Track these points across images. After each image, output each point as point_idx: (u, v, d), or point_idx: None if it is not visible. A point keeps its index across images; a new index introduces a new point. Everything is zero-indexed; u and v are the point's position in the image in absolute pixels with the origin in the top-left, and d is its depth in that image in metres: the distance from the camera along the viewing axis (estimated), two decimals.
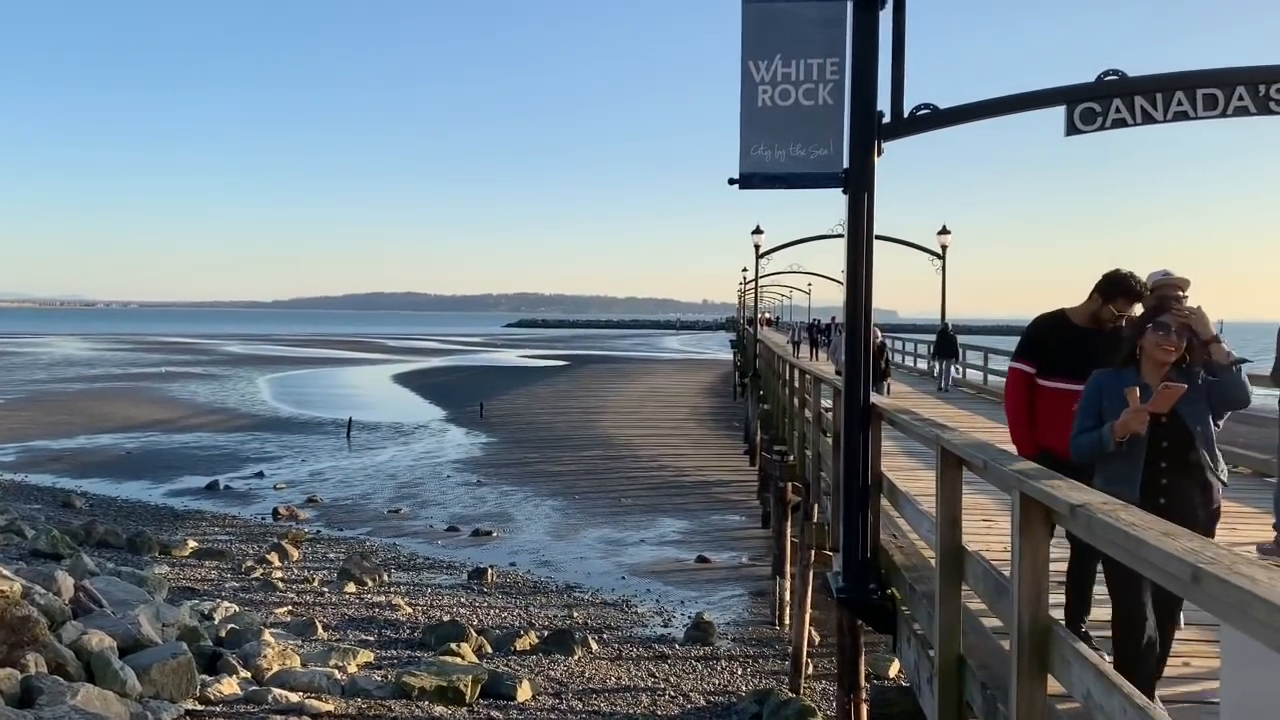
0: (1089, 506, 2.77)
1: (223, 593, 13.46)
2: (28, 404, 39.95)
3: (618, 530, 18.96)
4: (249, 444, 30.42)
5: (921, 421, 5.42)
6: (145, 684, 8.49)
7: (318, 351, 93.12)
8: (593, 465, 26.65)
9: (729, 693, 10.32)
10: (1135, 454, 4.09)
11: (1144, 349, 4.26)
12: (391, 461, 27.37)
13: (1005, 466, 3.63)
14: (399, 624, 12.43)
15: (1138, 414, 3.99)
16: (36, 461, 26.03)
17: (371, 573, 14.93)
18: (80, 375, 56.22)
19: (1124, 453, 4.09)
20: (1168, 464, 4.09)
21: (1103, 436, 4.12)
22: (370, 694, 9.38)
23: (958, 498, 4.41)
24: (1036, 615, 3.28)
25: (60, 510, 19.27)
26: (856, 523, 6.16)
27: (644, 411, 40.03)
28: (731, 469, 25.64)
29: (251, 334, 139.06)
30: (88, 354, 79.62)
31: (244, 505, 21.22)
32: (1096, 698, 2.86)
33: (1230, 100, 5.63)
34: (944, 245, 29.47)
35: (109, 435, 31.41)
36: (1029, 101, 6.01)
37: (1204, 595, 2.01)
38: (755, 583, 15.26)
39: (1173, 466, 4.09)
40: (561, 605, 13.89)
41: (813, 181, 6.16)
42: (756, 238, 35.75)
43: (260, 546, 16.76)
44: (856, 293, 6.15)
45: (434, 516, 20.24)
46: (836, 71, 6.03)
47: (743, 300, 70.45)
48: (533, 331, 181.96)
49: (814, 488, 10.71)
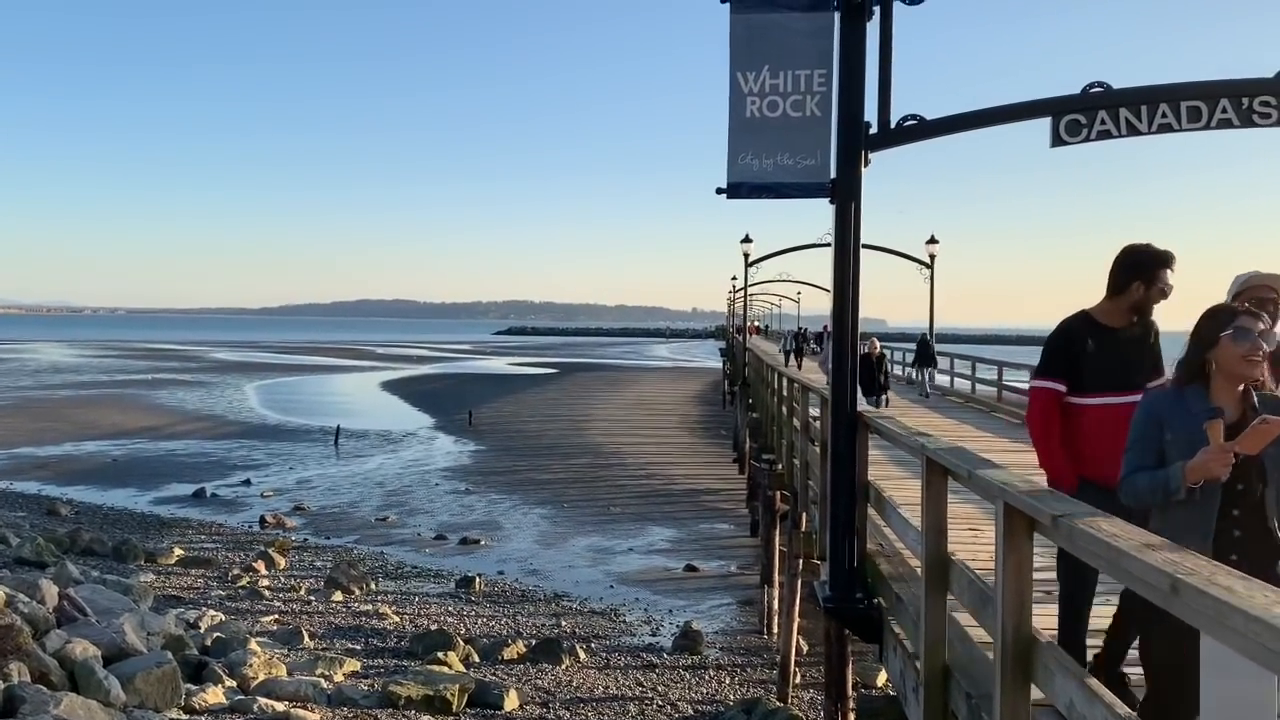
0: (1070, 516, 2.78)
1: (208, 601, 13.40)
2: (13, 411, 39.72)
3: (606, 539, 18.94)
4: (236, 451, 30.31)
5: (907, 431, 5.44)
6: (130, 693, 8.44)
7: (306, 359, 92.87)
8: (581, 473, 26.64)
9: (717, 702, 10.32)
10: (1208, 501, 3.23)
11: (1218, 363, 3.35)
12: (379, 469, 27.31)
13: (988, 475, 3.64)
14: (386, 633, 12.39)
15: (1221, 455, 3.10)
16: (21, 469, 25.88)
17: (359, 581, 14.88)
18: (67, 382, 55.94)
19: (1194, 499, 3.24)
20: (1241, 511, 3.25)
21: (1169, 480, 3.23)
22: (357, 703, 9.35)
23: (943, 507, 4.43)
24: (1020, 625, 3.30)
25: (45, 518, 19.15)
26: (843, 532, 6.18)
27: (633, 419, 40.03)
28: (720, 477, 25.66)
29: (239, 341, 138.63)
30: (74, 360, 79.23)
31: (231, 513, 21.14)
32: (1079, 708, 2.87)
33: (1214, 113, 5.68)
34: (932, 254, 29.59)
35: (95, 442, 31.26)
36: (1015, 113, 6.06)
37: (1183, 605, 2.03)
38: (743, 591, 15.26)
39: (1246, 515, 3.25)
40: (549, 614, 13.87)
41: (800, 191, 6.19)
42: (745, 246, 35.86)
43: (247, 555, 16.69)
44: (844, 302, 6.18)
45: (422, 525, 20.19)
46: (824, 83, 6.06)
47: (732, 308, 70.58)
48: (522, 339, 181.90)
49: (802, 496, 10.72)
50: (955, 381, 26.07)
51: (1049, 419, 4.50)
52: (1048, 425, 4.50)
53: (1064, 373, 4.49)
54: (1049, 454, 4.51)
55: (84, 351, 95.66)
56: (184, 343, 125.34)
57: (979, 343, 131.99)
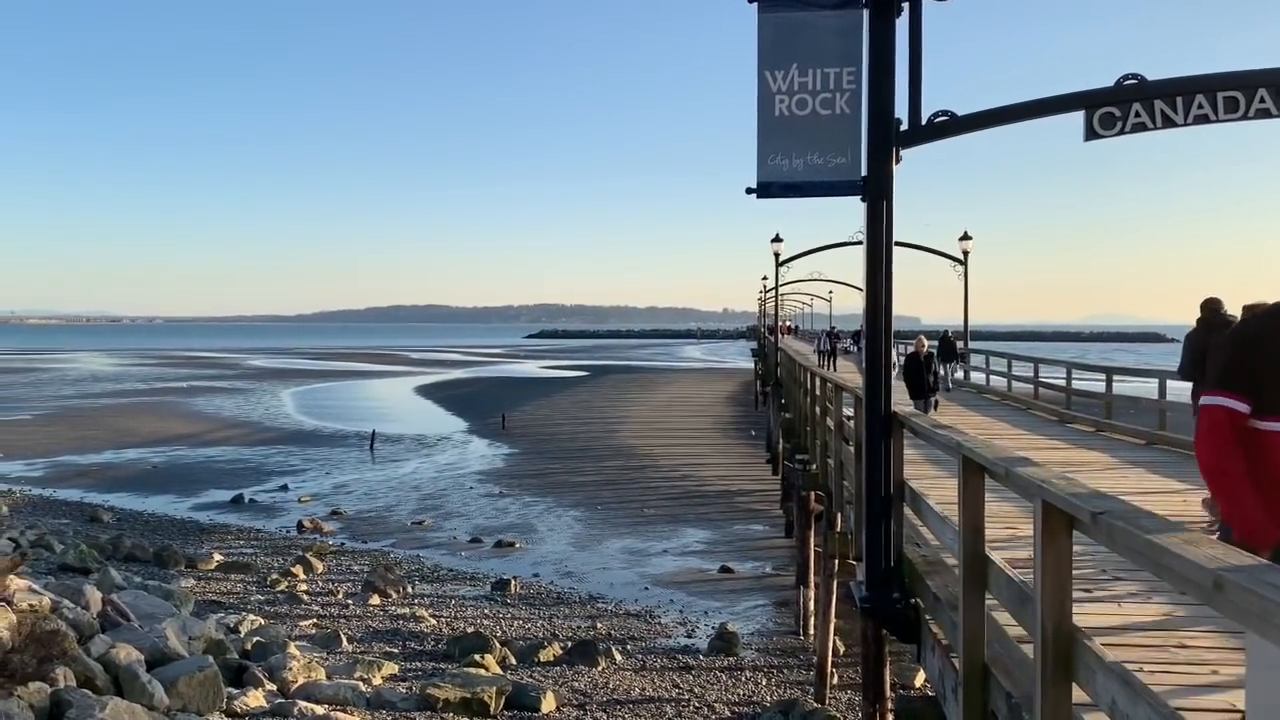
0: (1110, 514, 2.75)
1: (248, 606, 13.54)
2: (55, 419, 40.38)
3: (640, 540, 18.95)
4: (273, 457, 30.62)
5: (943, 430, 5.40)
6: (173, 697, 8.55)
7: (340, 364, 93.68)
8: (614, 475, 26.66)
9: (754, 703, 10.28)
10: None
11: None
12: (414, 473, 27.48)
13: (1026, 473, 3.61)
14: (423, 636, 12.46)
15: None
16: (64, 476, 26.31)
17: (396, 585, 14.98)
18: (106, 390, 56.81)
19: None
20: None
21: None
22: (395, 706, 9.41)
23: (980, 505, 4.39)
24: (1061, 623, 3.26)
25: (88, 525, 19.45)
26: (879, 532, 6.14)
27: (665, 421, 40.01)
28: (753, 478, 25.58)
29: (275, 348, 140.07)
30: (113, 369, 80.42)
31: (269, 518, 21.36)
32: (1122, 707, 2.84)
33: (1252, 103, 5.59)
34: (965, 251, 29.34)
35: (135, 450, 31.70)
36: (1048, 107, 6.00)
37: (1227, 603, 2.00)
38: (779, 593, 15.21)
39: None
40: (585, 616, 13.89)
41: (831, 190, 6.17)
42: (776, 246, 35.73)
43: (285, 559, 16.86)
44: (876, 300, 6.15)
45: (457, 528, 20.30)
46: (853, 80, 6.04)
47: (763, 308, 70.35)
48: (553, 342, 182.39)
49: (837, 496, 10.67)
50: (991, 379, 25.86)
51: (1227, 449, 3.24)
52: (1226, 457, 3.24)
53: (1247, 388, 3.27)
54: (1236, 497, 3.22)
55: (123, 360, 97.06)
56: (221, 350, 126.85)
57: (1014, 339, 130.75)
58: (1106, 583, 6.15)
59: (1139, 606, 5.67)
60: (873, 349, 6.24)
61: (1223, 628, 5.06)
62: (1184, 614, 5.44)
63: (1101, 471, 11.68)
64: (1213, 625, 5.15)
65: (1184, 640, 5.00)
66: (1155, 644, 4.96)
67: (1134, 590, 5.97)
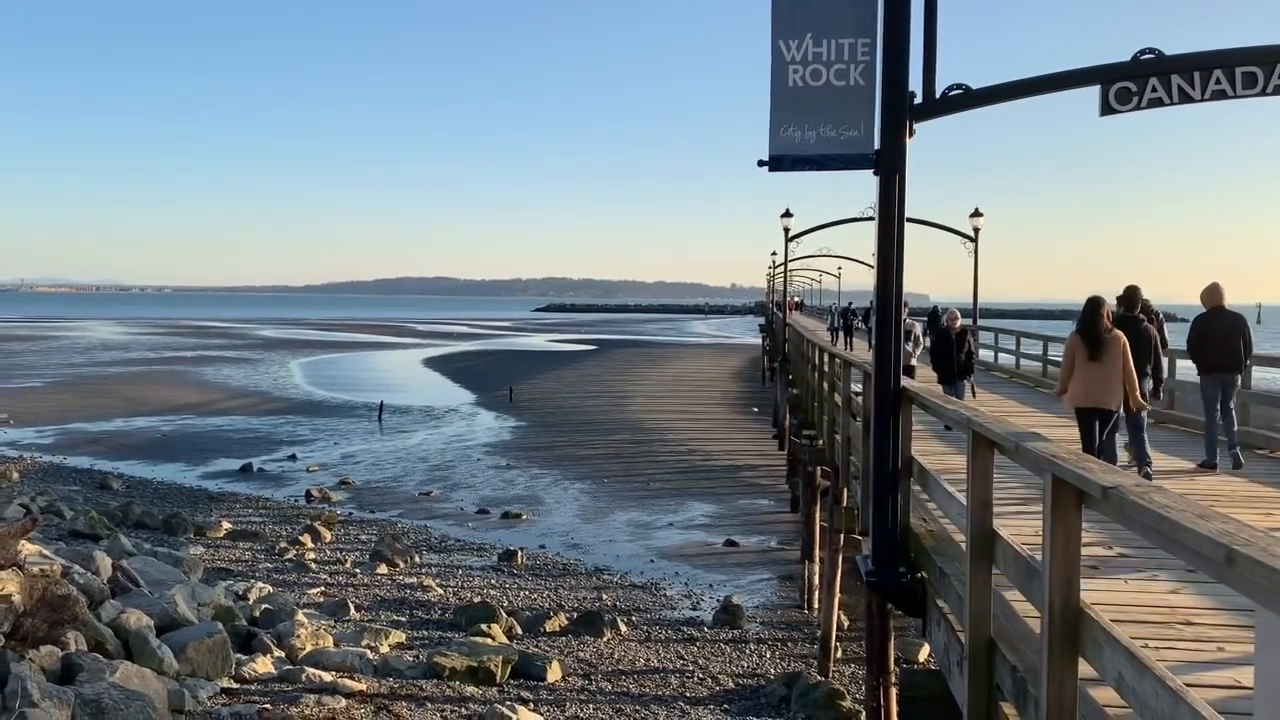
0: (1121, 489, 2.75)
1: (257, 573, 13.64)
2: (65, 387, 40.56)
3: (646, 514, 19.01)
4: (282, 427, 30.74)
5: (953, 404, 5.40)
6: (182, 662, 8.63)
7: (349, 335, 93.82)
8: (621, 449, 26.72)
9: (758, 675, 10.34)
10: None
11: None
12: (422, 445, 27.57)
13: (1036, 448, 3.60)
14: (430, 605, 12.55)
15: None
16: (74, 444, 26.45)
17: (403, 554, 15.07)
18: (116, 359, 57.01)
19: None
20: None
21: None
22: (402, 674, 9.49)
23: (989, 481, 4.39)
24: (1069, 598, 3.27)
25: (98, 492, 19.57)
26: (886, 506, 6.15)
27: (672, 396, 40.04)
28: (760, 453, 25.61)
29: (283, 318, 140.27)
30: (123, 338, 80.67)
31: (277, 487, 21.47)
32: (1128, 681, 2.84)
33: (1270, 78, 5.54)
34: (976, 228, 29.19)
35: (144, 418, 31.85)
36: (1063, 81, 5.95)
37: (1238, 577, 2.00)
38: (784, 567, 15.26)
39: None
40: (591, 587, 13.97)
41: (843, 163, 6.13)
42: (785, 221, 35.54)
43: (293, 528, 16.96)
44: (888, 275, 6.12)
45: (464, 499, 20.38)
46: (868, 52, 5.99)
47: (771, 284, 70.18)
48: (561, 316, 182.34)
49: (843, 472, 10.68)
50: (1000, 356, 25.81)
51: None
52: None
53: None
54: None
55: (132, 329, 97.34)
56: (230, 320, 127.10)
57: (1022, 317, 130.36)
58: (1112, 560, 6.16)
59: (1144, 584, 5.68)
60: (883, 323, 6.22)
61: (1228, 605, 5.06)
62: (1189, 592, 5.45)
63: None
64: (1217, 603, 5.16)
65: (1189, 618, 5.01)
66: (1160, 620, 4.97)
67: (1139, 568, 5.98)
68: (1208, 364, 10.64)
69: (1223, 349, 10.53)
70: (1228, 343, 10.52)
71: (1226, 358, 10.55)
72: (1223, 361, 10.56)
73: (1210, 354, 10.60)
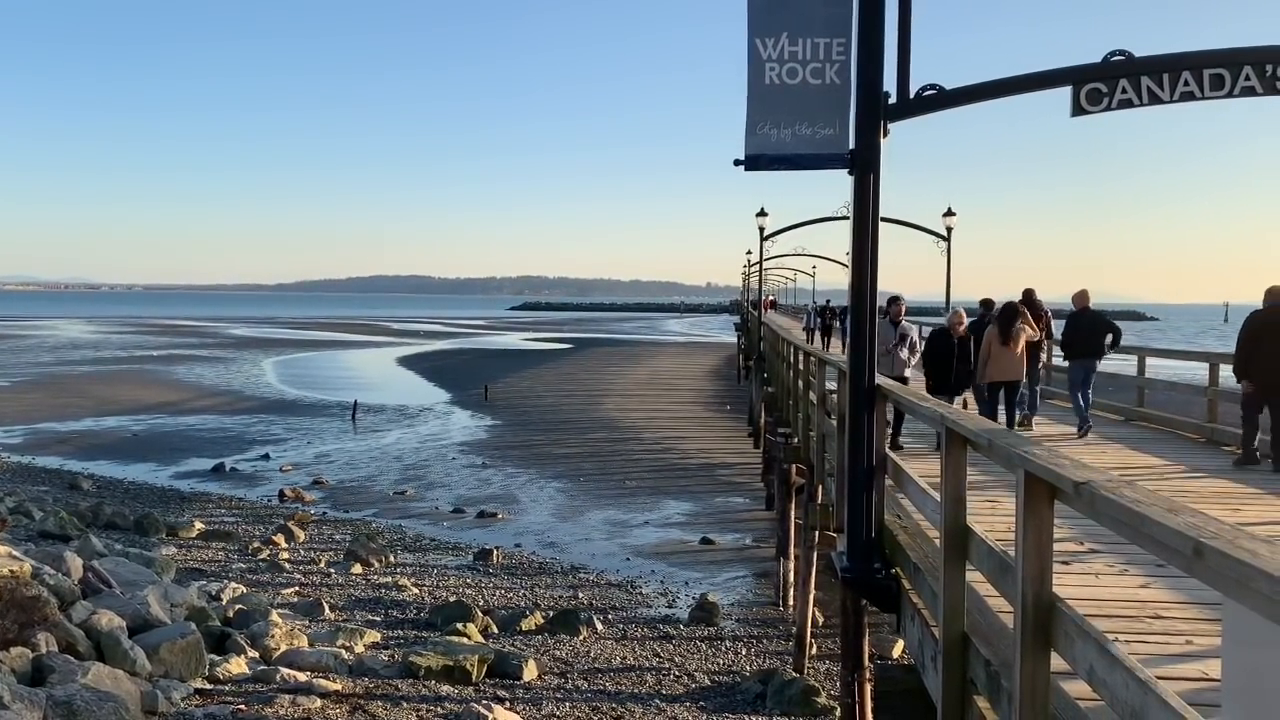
0: (1093, 484, 2.79)
1: (230, 574, 13.53)
2: (34, 386, 40.07)
3: (622, 512, 19.02)
4: (255, 426, 30.51)
5: (926, 402, 5.44)
6: (155, 663, 8.56)
7: (322, 334, 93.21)
8: (597, 448, 26.71)
9: (733, 672, 10.38)
10: None
11: None
12: (397, 444, 27.45)
13: (1008, 444, 3.65)
14: (405, 604, 12.50)
15: None
16: (43, 444, 26.14)
17: (378, 554, 15.00)
18: (86, 358, 56.36)
19: None
20: None
21: None
22: (377, 673, 9.45)
23: (962, 477, 4.44)
24: (1041, 592, 3.31)
25: (68, 492, 19.35)
26: (861, 503, 6.19)
27: (648, 394, 40.07)
28: (736, 452, 25.68)
29: (256, 317, 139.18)
30: (93, 337, 79.77)
31: (250, 487, 21.31)
32: (1099, 673, 2.89)
33: (1237, 80, 5.62)
34: (949, 227, 29.38)
35: (115, 417, 31.51)
36: (1036, 82, 6.01)
37: (1206, 569, 2.04)
38: (759, 564, 15.32)
39: None
40: (567, 586, 13.96)
41: (819, 162, 6.17)
42: (761, 220, 35.66)
43: (267, 528, 16.84)
44: (862, 274, 6.17)
45: (439, 498, 20.32)
46: (843, 51, 6.03)
47: (746, 283, 70.36)
48: (536, 314, 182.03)
49: (818, 469, 10.75)
50: None
51: None
52: None
53: None
54: None
55: (102, 328, 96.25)
56: (201, 319, 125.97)
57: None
58: (1084, 555, 6.24)
59: (1116, 578, 5.76)
60: (858, 322, 6.26)
61: (1197, 599, 5.14)
62: (1159, 586, 5.53)
63: (1083, 447, 11.82)
64: (1186, 596, 5.24)
65: (1159, 611, 5.09)
66: (1130, 614, 5.04)
67: (1110, 563, 6.06)
68: (1076, 352, 13.02)
69: (1088, 341, 13.01)
70: (1092, 337, 13.03)
71: (1090, 348, 13.00)
72: (1087, 350, 12.99)
73: (1078, 345, 13.07)
